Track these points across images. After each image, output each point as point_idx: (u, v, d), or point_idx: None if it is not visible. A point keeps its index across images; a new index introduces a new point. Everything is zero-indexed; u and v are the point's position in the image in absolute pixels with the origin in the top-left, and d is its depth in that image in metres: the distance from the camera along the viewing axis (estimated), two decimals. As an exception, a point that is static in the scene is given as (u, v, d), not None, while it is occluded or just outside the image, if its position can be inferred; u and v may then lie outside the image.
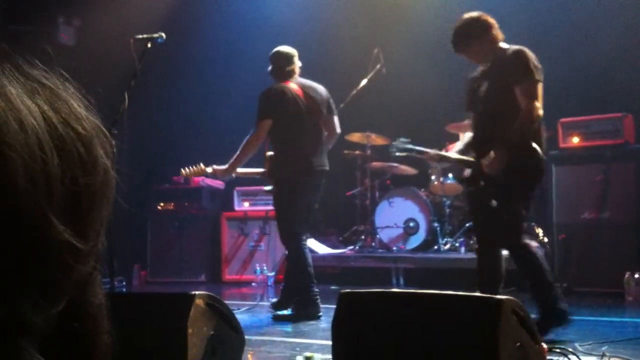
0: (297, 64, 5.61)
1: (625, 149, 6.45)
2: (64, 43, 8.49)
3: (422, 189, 8.07)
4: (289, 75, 5.52)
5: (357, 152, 8.17)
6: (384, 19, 8.87)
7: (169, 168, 8.98)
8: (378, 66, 8.32)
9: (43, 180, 0.52)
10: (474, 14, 4.64)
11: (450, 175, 7.82)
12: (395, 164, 8.08)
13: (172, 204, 8.66)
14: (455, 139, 8.43)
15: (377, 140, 8.09)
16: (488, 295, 2.47)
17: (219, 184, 8.96)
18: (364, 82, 8.27)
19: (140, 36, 4.62)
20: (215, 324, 2.74)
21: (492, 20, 4.61)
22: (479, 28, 4.55)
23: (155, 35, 4.62)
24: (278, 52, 5.59)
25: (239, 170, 5.72)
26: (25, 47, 0.61)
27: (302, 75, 5.72)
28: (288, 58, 5.54)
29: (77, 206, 0.54)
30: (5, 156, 0.50)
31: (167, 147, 9.24)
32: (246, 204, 8.65)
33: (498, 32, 4.62)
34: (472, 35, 4.57)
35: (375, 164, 8.16)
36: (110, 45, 7.83)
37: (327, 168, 5.62)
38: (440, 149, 8.32)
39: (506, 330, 2.22)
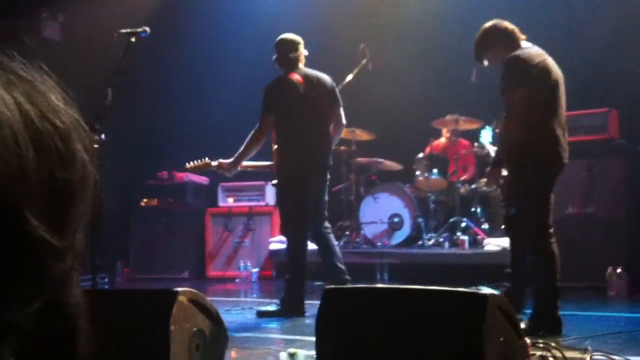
0: (303, 52, 5.56)
1: (610, 145, 6.50)
2: (48, 38, 8.41)
3: (407, 185, 8.08)
4: (294, 63, 5.46)
5: (342, 147, 8.16)
6: (369, 15, 8.87)
7: (153, 163, 8.94)
8: (364, 61, 8.32)
9: (18, 175, 0.50)
10: (488, 23, 4.71)
11: (435, 170, 7.84)
12: (380, 160, 8.09)
13: (156, 199, 8.62)
14: (440, 134, 8.46)
15: (363, 135, 8.10)
16: (472, 291, 2.48)
17: (203, 179, 8.93)
18: (349, 77, 8.25)
19: (124, 30, 4.58)
20: (199, 321, 2.72)
21: (505, 27, 4.61)
22: (490, 37, 4.64)
23: (139, 29, 4.58)
24: (282, 39, 5.53)
25: (245, 163, 5.68)
26: (7, 41, 0.59)
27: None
28: (293, 45, 5.50)
29: (54, 202, 0.53)
30: None
31: (151, 142, 9.19)
32: (230, 200, 8.62)
33: (516, 37, 4.60)
34: (485, 46, 4.68)
35: (361, 159, 8.16)
36: (95, 41, 7.78)
37: (330, 162, 5.55)
38: (425, 145, 8.37)
39: (491, 325, 2.22)
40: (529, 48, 4.57)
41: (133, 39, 4.55)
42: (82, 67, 7.37)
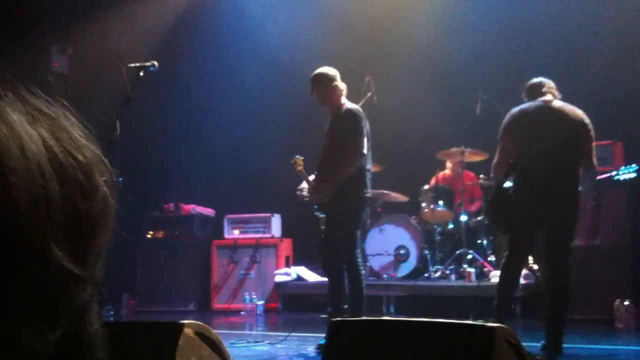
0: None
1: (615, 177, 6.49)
2: (57, 71, 8.52)
3: (413, 216, 8.08)
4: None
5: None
6: (375, 48, 8.96)
7: (160, 195, 8.97)
8: (369, 94, 8.38)
9: (44, 206, 0.52)
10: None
11: (441, 202, 7.84)
12: (386, 192, 8.10)
13: (162, 231, 8.63)
14: (444, 166, 8.48)
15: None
16: (481, 323, 2.47)
17: (209, 211, 8.95)
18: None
19: (133, 65, 4.64)
20: (205, 354, 2.71)
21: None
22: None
23: (148, 63, 4.64)
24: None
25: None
26: (21, 76, 0.62)
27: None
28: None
29: (76, 233, 0.55)
30: (8, 181, 0.51)
31: (158, 174, 9.23)
32: (236, 232, 8.62)
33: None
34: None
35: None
36: (103, 74, 7.87)
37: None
38: (431, 176, 8.39)
39: (499, 358, 2.21)
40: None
41: (142, 73, 4.61)
42: (90, 99, 7.45)
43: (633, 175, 5.84)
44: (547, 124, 4.92)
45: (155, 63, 4.66)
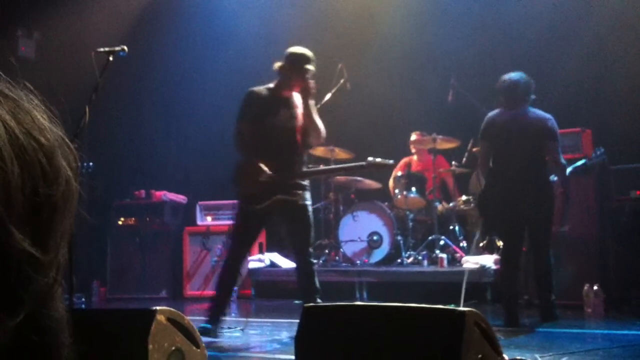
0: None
1: (584, 165, 6.58)
2: (23, 56, 8.36)
3: (386, 203, 8.12)
4: None
5: (321, 166, 8.18)
6: (347, 35, 8.94)
7: (130, 182, 8.89)
8: (342, 81, 8.38)
9: (2, 190, 0.51)
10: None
11: (413, 189, 7.88)
12: (359, 178, 8.12)
13: (133, 218, 8.55)
14: (415, 153, 8.52)
15: (341, 154, 8.13)
16: (451, 308, 2.49)
17: (181, 198, 8.88)
18: (327, 96, 8.30)
19: (102, 49, 4.57)
20: (177, 340, 2.70)
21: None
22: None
23: (117, 48, 4.58)
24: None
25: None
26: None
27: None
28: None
29: (37, 217, 0.54)
30: None
31: (128, 161, 9.14)
32: (209, 219, 8.58)
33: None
34: None
35: (340, 178, 8.19)
36: (71, 59, 7.75)
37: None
38: (397, 163, 8.43)
39: (469, 342, 2.24)
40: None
41: (111, 58, 4.54)
42: (58, 85, 7.34)
43: (604, 158, 5.98)
44: (516, 130, 5.46)
45: (125, 48, 4.60)
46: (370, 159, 5.18)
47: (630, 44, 7.43)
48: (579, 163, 5.98)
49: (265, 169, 5.05)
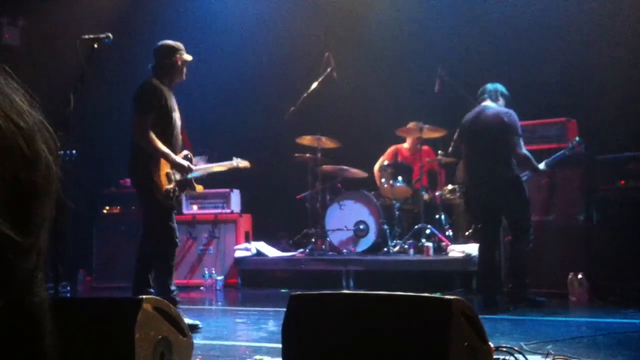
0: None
1: (573, 155, 6.61)
2: (8, 43, 8.27)
3: (373, 192, 8.13)
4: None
5: (307, 155, 8.18)
6: (335, 24, 8.92)
7: (115, 171, 8.83)
8: (329, 70, 8.36)
9: None
10: None
11: (399, 178, 7.89)
12: (345, 167, 8.12)
13: (119, 207, 8.51)
14: (403, 142, 8.53)
15: (328, 143, 8.12)
16: (438, 296, 2.50)
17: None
18: (314, 85, 8.29)
19: (87, 36, 4.52)
20: (164, 329, 2.70)
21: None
22: None
23: (102, 35, 4.53)
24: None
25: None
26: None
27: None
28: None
29: (17, 201, 0.52)
30: None
31: (113, 149, 9.07)
32: (195, 207, 8.56)
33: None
34: None
35: (326, 167, 8.18)
36: (56, 46, 7.67)
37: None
38: (383, 152, 8.45)
39: (456, 330, 2.24)
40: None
41: (96, 45, 4.50)
42: (43, 72, 7.26)
43: (582, 146, 6.05)
44: (479, 128, 5.85)
45: (110, 35, 4.56)
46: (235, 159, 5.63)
47: (616, 34, 7.46)
48: (558, 154, 6.04)
49: (187, 163, 5.07)
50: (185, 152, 5.25)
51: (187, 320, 3.34)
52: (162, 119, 5.03)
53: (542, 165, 5.90)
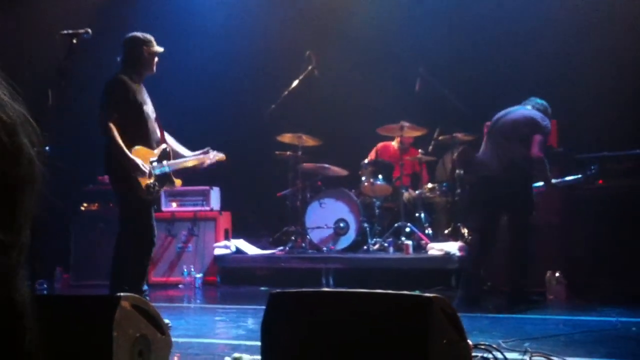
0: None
1: (549, 153, 6.66)
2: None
3: (353, 190, 8.14)
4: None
5: (288, 153, 8.17)
6: (317, 22, 8.91)
7: (93, 167, 8.75)
8: (310, 68, 8.36)
9: None
10: None
11: (380, 176, 7.91)
12: (326, 165, 8.12)
13: (97, 204, 8.43)
14: (386, 140, 8.55)
15: (309, 141, 8.11)
16: (418, 294, 2.51)
17: (146, 184, 8.78)
18: (295, 83, 8.28)
19: (66, 32, 4.48)
20: (142, 326, 2.68)
21: None
22: None
23: (82, 30, 4.50)
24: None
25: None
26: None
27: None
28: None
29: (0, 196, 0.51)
30: None
31: (91, 146, 8.99)
32: (174, 205, 8.50)
33: None
34: None
35: (307, 165, 8.17)
36: (34, 41, 7.58)
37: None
38: (370, 149, 8.46)
39: (435, 327, 2.25)
40: None
41: (75, 40, 4.46)
42: (20, 68, 7.17)
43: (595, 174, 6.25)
44: (508, 121, 5.91)
45: (89, 30, 4.52)
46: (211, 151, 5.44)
47: (593, 33, 7.53)
48: (572, 179, 6.31)
49: (145, 166, 4.95)
50: (163, 146, 5.20)
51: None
52: (131, 114, 4.92)
53: (553, 180, 6.05)
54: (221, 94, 9.05)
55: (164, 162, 5.13)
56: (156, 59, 5.14)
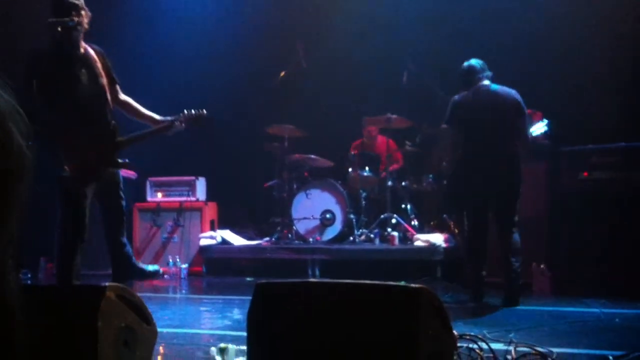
0: None
1: (534, 145, 6.68)
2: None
3: (339, 181, 8.14)
4: None
5: (275, 144, 8.15)
6: (304, 13, 8.87)
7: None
8: (298, 59, 8.33)
9: None
10: None
11: (366, 167, 7.92)
12: (313, 156, 8.11)
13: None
14: (367, 132, 8.55)
15: (295, 132, 8.10)
16: (405, 285, 2.51)
17: (131, 173, 8.72)
18: (282, 74, 8.25)
19: (51, 20, 4.43)
20: (127, 317, 2.66)
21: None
22: None
23: (66, 19, 4.44)
24: None
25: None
26: None
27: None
28: None
29: None
30: None
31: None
32: (159, 195, 8.47)
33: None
34: None
35: (294, 156, 8.16)
36: (14, 29, 7.49)
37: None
38: (355, 141, 8.45)
39: (423, 318, 2.26)
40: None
41: (59, 29, 4.40)
42: (5, 55, 7.08)
43: (546, 129, 6.05)
44: (483, 109, 5.52)
45: (75, 18, 4.47)
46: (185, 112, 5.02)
47: (580, 26, 7.55)
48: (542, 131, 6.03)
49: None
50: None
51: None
52: (46, 89, 4.42)
53: None
54: (208, 85, 9.00)
55: None
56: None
